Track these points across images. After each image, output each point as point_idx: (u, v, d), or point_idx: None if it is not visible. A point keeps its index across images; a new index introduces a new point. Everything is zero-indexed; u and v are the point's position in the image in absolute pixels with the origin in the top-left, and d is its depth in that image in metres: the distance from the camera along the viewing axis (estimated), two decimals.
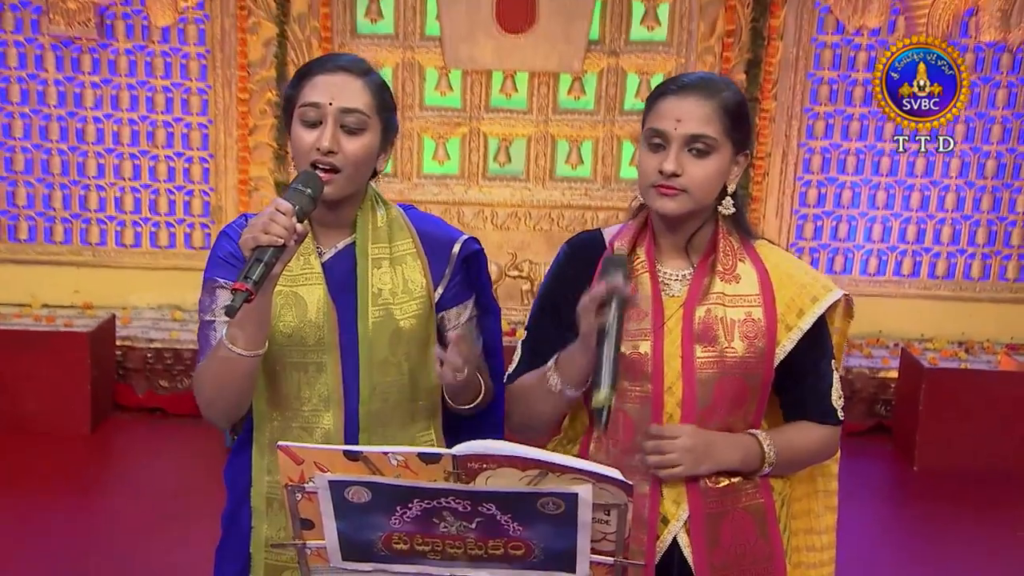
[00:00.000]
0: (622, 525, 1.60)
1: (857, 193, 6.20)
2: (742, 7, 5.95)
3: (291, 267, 1.91)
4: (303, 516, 1.63)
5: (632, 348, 1.93)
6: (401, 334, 2.02)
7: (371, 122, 1.97)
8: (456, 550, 1.65)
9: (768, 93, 6.03)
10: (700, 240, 1.99)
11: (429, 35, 6.07)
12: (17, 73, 6.13)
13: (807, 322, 1.94)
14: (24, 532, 4.41)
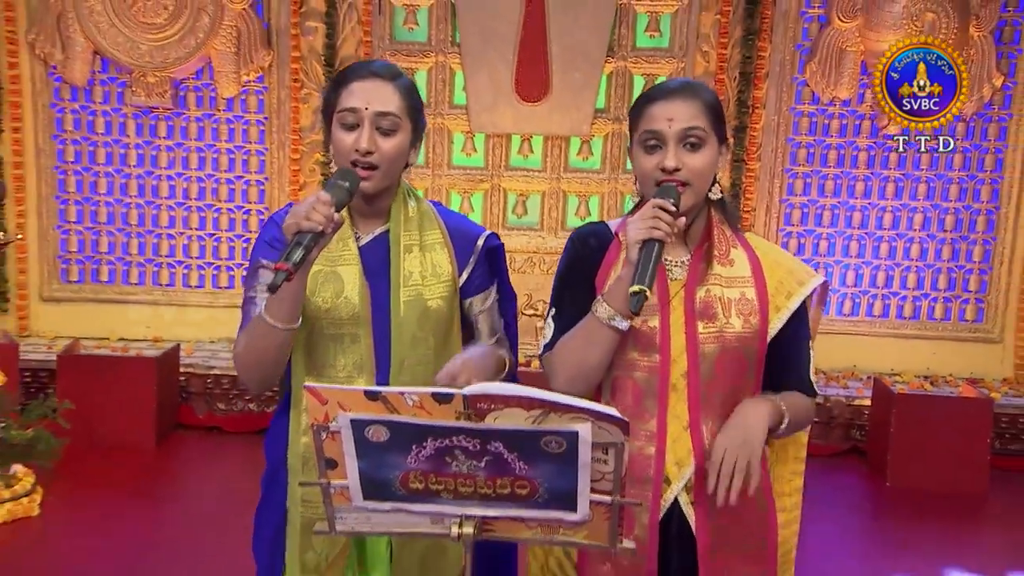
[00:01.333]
0: (619, 465, 1.53)
1: (832, 243, 6.15)
2: (730, 80, 5.94)
3: (331, 249, 1.94)
4: (327, 456, 1.58)
5: (642, 322, 1.90)
6: (429, 313, 2.02)
7: (403, 123, 1.95)
8: (467, 489, 1.59)
9: (753, 155, 6.00)
10: (695, 230, 1.95)
11: (457, 104, 6.08)
12: (103, 138, 6.20)
13: (795, 302, 1.92)
14: (97, 531, 4.46)
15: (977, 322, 6.10)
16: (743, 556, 1.93)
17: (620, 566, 1.89)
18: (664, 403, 1.89)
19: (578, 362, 1.88)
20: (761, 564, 1.95)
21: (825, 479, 5.39)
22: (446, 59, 6.01)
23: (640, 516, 1.88)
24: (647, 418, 1.90)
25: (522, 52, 5.86)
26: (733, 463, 1.76)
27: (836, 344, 6.07)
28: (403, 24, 6.01)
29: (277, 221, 1.96)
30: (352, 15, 5.92)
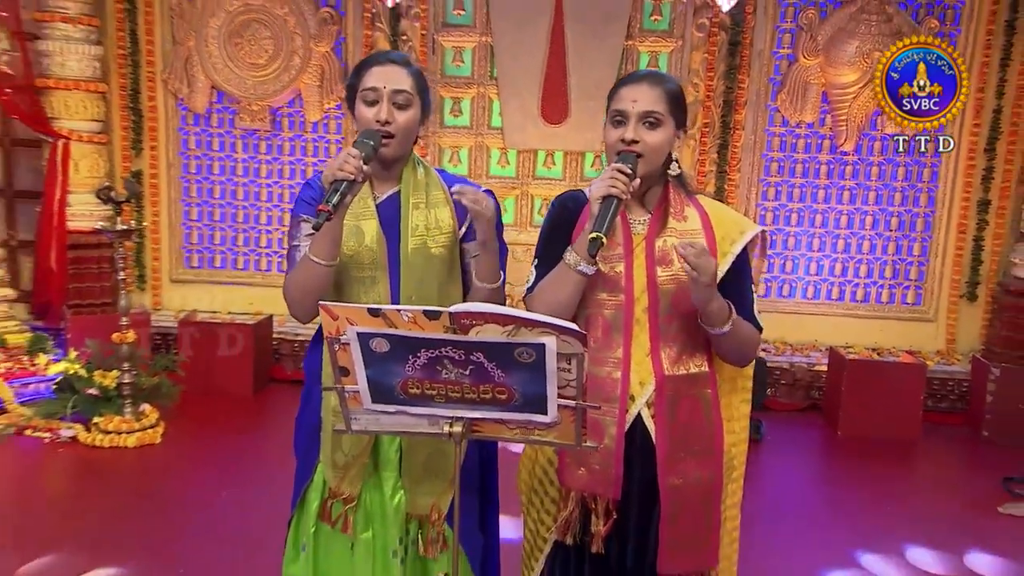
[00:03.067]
0: (580, 373, 1.53)
1: (799, 240, 6.04)
2: (715, 107, 5.87)
3: (354, 207, 1.91)
4: (341, 364, 1.58)
5: (609, 268, 1.88)
6: (432, 259, 2.00)
7: (414, 99, 1.95)
8: (456, 394, 1.59)
9: (734, 168, 5.93)
10: (652, 196, 1.94)
11: (494, 126, 6.06)
12: (218, 155, 6.27)
13: (738, 247, 1.90)
14: (204, 456, 4.58)
15: (916, 305, 5.96)
16: (695, 460, 1.89)
17: (592, 469, 1.88)
18: (629, 334, 1.87)
19: (552, 301, 1.86)
20: (709, 467, 1.91)
21: (789, 429, 5.36)
22: (486, 90, 6.00)
23: (608, 428, 1.87)
24: (614, 347, 1.88)
25: (547, 84, 5.85)
26: (695, 252, 1.70)
27: (801, 322, 6.02)
28: (452, 62, 6.01)
29: (312, 184, 1.98)
30: (411, 55, 5.94)
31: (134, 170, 6.16)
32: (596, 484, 1.88)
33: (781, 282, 6.07)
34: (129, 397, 4.58)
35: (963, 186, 5.76)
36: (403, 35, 5.90)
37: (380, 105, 1.89)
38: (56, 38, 5.73)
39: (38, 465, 4.33)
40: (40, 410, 4.65)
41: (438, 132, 6.06)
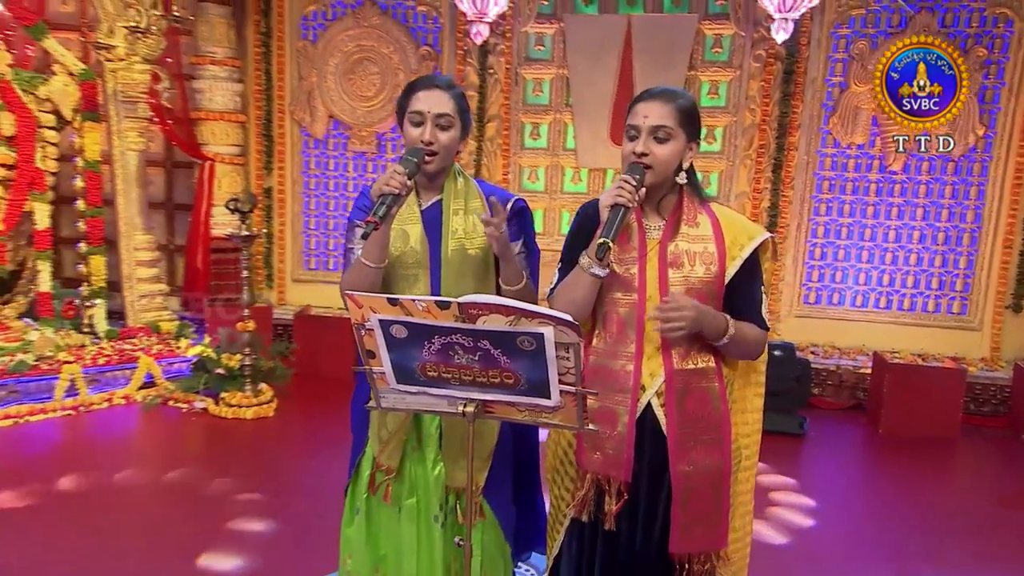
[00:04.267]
0: (578, 361, 1.46)
1: (848, 252, 5.68)
2: (771, 130, 5.61)
3: (402, 213, 1.89)
4: (367, 348, 1.55)
5: (624, 270, 1.80)
6: (468, 259, 1.96)
7: (455, 121, 1.90)
8: (468, 378, 1.54)
9: (788, 185, 5.64)
10: (667, 203, 1.84)
11: (568, 147, 5.96)
12: (333, 174, 6.39)
13: (747, 251, 1.79)
14: (311, 430, 4.63)
15: (962, 315, 5.51)
16: (703, 448, 1.79)
17: (606, 453, 1.81)
18: (641, 330, 1.78)
19: (569, 301, 1.80)
20: (717, 455, 1.81)
21: (833, 426, 5.06)
22: (561, 116, 5.92)
23: (621, 416, 1.80)
24: (627, 343, 1.79)
25: (615, 110, 5.71)
26: (677, 307, 1.66)
27: (849, 328, 5.67)
28: (532, 92, 5.96)
29: (365, 194, 1.96)
30: (496, 86, 5.92)
31: (265, 187, 6.38)
32: (609, 467, 1.81)
33: (831, 291, 5.74)
34: (249, 377, 4.70)
35: (1009, 203, 5.29)
36: (490, 69, 5.90)
37: (424, 127, 1.86)
38: (207, 77, 5.99)
39: (176, 430, 4.51)
40: (180, 385, 4.83)
41: (519, 153, 6.01)
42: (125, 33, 5.22)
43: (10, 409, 4.38)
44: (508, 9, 5.51)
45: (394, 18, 6.01)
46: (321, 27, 6.13)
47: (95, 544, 3.04)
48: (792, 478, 3.99)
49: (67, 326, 5.17)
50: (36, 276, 5.15)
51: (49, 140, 5.14)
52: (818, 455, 4.60)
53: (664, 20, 5.62)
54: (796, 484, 3.93)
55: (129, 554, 2.98)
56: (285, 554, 3.05)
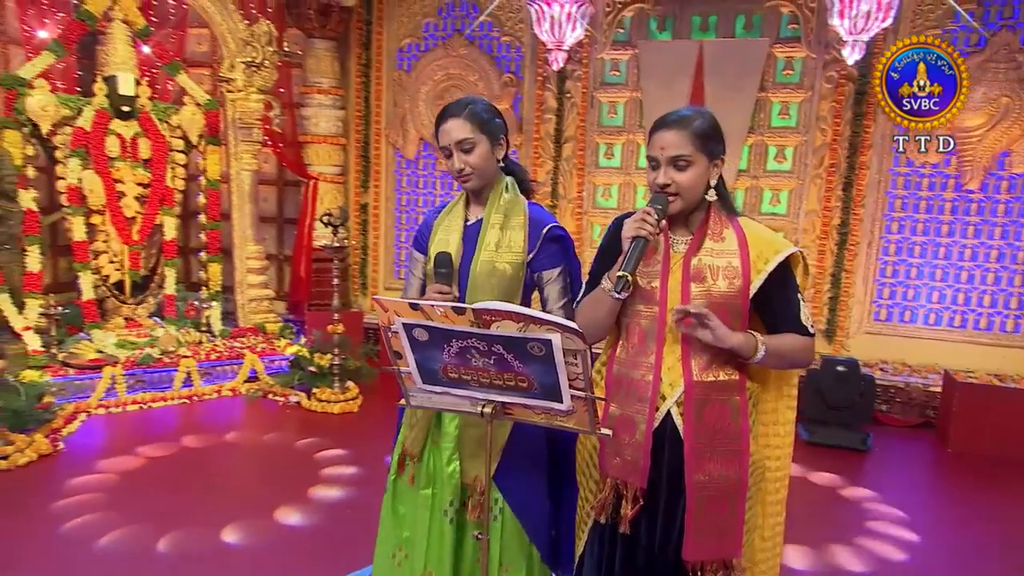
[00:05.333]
0: (586, 367, 1.47)
1: (921, 271, 5.37)
2: (842, 149, 5.38)
3: (450, 223, 1.99)
4: (394, 349, 1.59)
5: (647, 283, 1.78)
6: (496, 272, 1.93)
7: (477, 139, 1.89)
8: (486, 380, 1.56)
9: (859, 204, 5.39)
10: (694, 219, 1.80)
11: (640, 166, 5.89)
12: (423, 191, 6.54)
13: (771, 265, 1.72)
14: (388, 429, 4.60)
15: None
16: (720, 459, 1.74)
17: (625, 459, 1.79)
18: (661, 342, 1.76)
19: (589, 317, 1.80)
20: (734, 467, 1.74)
21: (900, 443, 4.78)
22: (634, 136, 5.89)
23: (640, 424, 1.77)
24: (648, 353, 1.77)
25: None
26: (704, 315, 1.63)
27: (921, 346, 5.36)
28: (607, 114, 5.94)
29: (428, 222, 2.04)
30: (573, 109, 5.95)
31: (362, 203, 6.63)
32: (627, 472, 1.79)
33: (903, 308, 5.43)
34: (337, 375, 4.89)
35: None
36: (567, 93, 5.94)
37: (453, 156, 1.89)
38: (313, 105, 6.30)
39: (273, 420, 4.74)
40: (278, 380, 5.09)
41: (593, 172, 6.01)
42: (243, 67, 5.57)
43: (137, 396, 4.74)
44: (585, 38, 5.54)
45: (480, 48, 6.14)
46: (414, 57, 6.34)
47: (208, 487, 3.72)
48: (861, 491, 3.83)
49: (188, 325, 5.54)
50: (164, 280, 5.55)
51: (178, 162, 5.54)
52: (884, 470, 4.35)
53: (735, 44, 5.50)
54: (870, 497, 3.79)
55: (230, 498, 3.59)
56: (348, 520, 3.28)
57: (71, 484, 3.57)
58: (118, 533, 3.13)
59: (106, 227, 5.19)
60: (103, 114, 5.10)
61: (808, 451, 4.47)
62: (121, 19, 5.19)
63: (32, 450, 3.80)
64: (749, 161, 5.63)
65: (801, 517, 3.56)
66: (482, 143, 1.90)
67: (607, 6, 5.69)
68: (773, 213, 5.64)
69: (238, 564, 2.93)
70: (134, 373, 4.81)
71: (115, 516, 3.27)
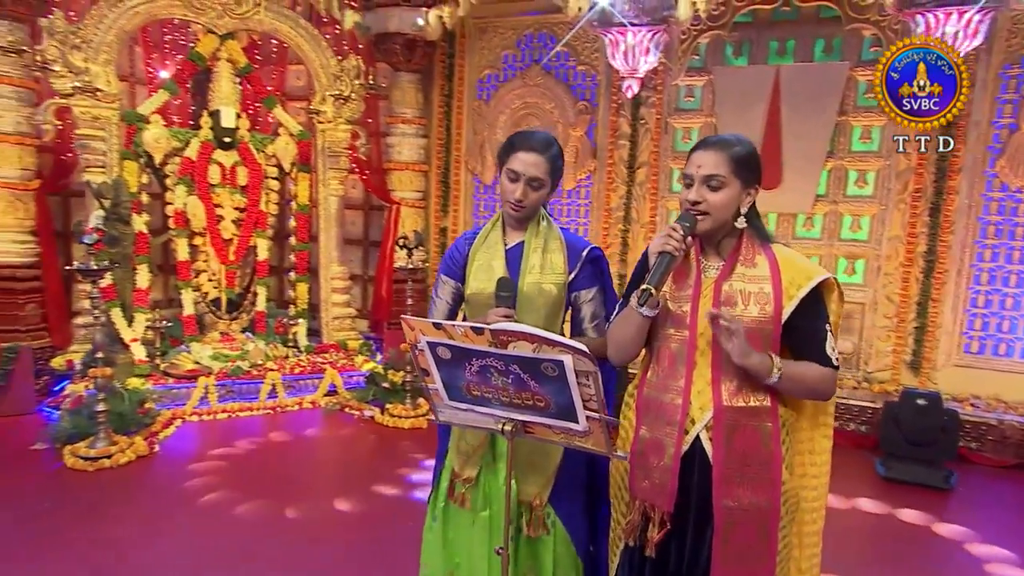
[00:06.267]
0: (598, 389, 1.47)
1: (1018, 300, 4.98)
2: (928, 173, 5.11)
3: (487, 250, 2.02)
4: (422, 367, 1.63)
5: (677, 307, 1.77)
6: (544, 293, 1.98)
7: (546, 182, 1.96)
8: (506, 399, 1.58)
9: (947, 230, 5.08)
10: (726, 245, 1.78)
11: None
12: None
13: (803, 291, 1.70)
14: None
15: None
16: (750, 486, 1.71)
17: (653, 482, 1.78)
18: (690, 366, 1.74)
19: (619, 336, 1.81)
20: (765, 495, 1.71)
21: (990, 483, 4.44)
22: None
23: (668, 448, 1.76)
24: (678, 377, 1.76)
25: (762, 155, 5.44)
26: (732, 328, 1.61)
27: (1019, 382, 4.94)
28: (681, 139, 5.89)
29: (457, 245, 2.10)
30: (647, 135, 5.92)
31: (441, 226, 6.81)
32: (655, 495, 1.78)
33: (997, 341, 5.06)
34: (409, 392, 5.02)
35: None
36: (641, 119, 5.92)
37: (518, 185, 1.92)
38: (397, 134, 6.56)
39: (350, 432, 4.93)
40: (355, 395, 5.27)
41: (666, 196, 5.95)
42: (332, 100, 5.88)
43: (226, 405, 5.04)
44: (659, 65, 5.53)
45: (556, 77, 6.23)
46: (493, 87, 6.50)
47: (289, 462, 4.30)
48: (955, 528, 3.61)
49: (276, 340, 5.84)
50: (256, 298, 5.88)
51: (272, 188, 5.89)
52: (976, 510, 4.03)
53: (813, 69, 5.35)
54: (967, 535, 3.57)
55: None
56: None
57: (190, 469, 4.06)
58: (247, 505, 3.62)
59: (206, 248, 5.57)
60: (207, 145, 5.50)
61: (885, 487, 4.22)
62: (226, 59, 5.60)
63: (132, 451, 4.10)
64: (828, 186, 5.43)
65: (894, 555, 3.40)
66: (547, 187, 1.97)
67: (682, 33, 5.64)
68: (854, 239, 5.40)
69: (346, 525, 3.48)
70: (225, 384, 5.11)
71: (238, 493, 3.77)
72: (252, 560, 3.09)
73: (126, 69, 6.07)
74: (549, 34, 6.23)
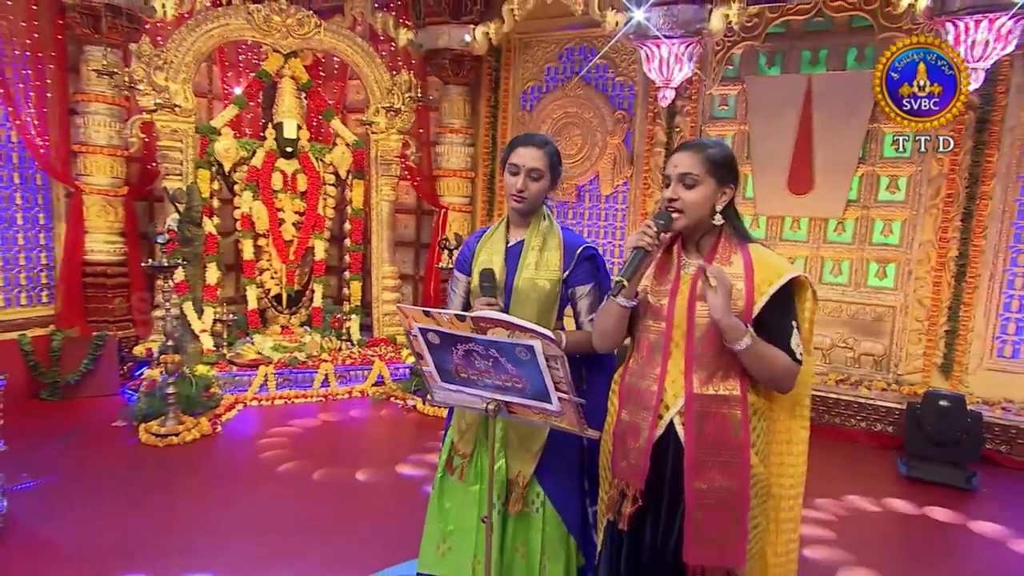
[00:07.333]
0: (566, 372, 1.56)
1: None
2: (960, 179, 4.97)
3: (493, 246, 2.10)
4: (416, 351, 1.75)
5: (656, 301, 1.83)
6: (537, 288, 2.03)
7: (546, 173, 2.02)
8: (489, 380, 1.67)
9: (979, 235, 4.92)
10: (705, 243, 1.84)
11: (747, 197, 5.76)
12: None
13: (774, 288, 1.73)
14: None
15: None
16: (720, 470, 1.75)
17: (630, 463, 1.84)
18: (666, 355, 1.80)
19: (600, 326, 1.89)
20: (734, 478, 1.74)
21: (1015, 487, 4.26)
22: (742, 168, 5.55)
23: (644, 431, 1.82)
24: (654, 365, 1.82)
25: (794, 163, 5.45)
26: (716, 276, 1.66)
27: None
28: None
29: (468, 243, 2.19)
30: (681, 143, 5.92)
31: None
32: (631, 474, 1.85)
33: None
34: None
35: None
36: (676, 127, 5.93)
37: (519, 176, 2.00)
38: (446, 143, 6.75)
39: (394, 419, 5.13)
40: (400, 386, 5.47)
41: None
42: (384, 112, 6.11)
43: (283, 392, 5.30)
44: (693, 75, 5.54)
45: (595, 88, 6.30)
46: (536, 98, 6.62)
47: (336, 443, 4.57)
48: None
49: (331, 334, 6.10)
50: (313, 295, 6.15)
51: (329, 194, 6.15)
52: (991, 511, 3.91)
53: (845, 77, 5.26)
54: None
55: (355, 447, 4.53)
56: None
57: (260, 443, 4.40)
58: (323, 471, 3.99)
59: (269, 248, 5.87)
60: (271, 154, 5.80)
61: (908, 487, 4.13)
62: (289, 75, 5.89)
63: (197, 430, 4.39)
64: (859, 191, 5.33)
65: (927, 552, 3.38)
66: (546, 178, 2.04)
67: (716, 45, 5.64)
68: (885, 243, 5.29)
69: (407, 488, 3.83)
70: (283, 372, 5.38)
71: (311, 461, 4.14)
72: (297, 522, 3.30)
73: (205, 87, 6.46)
74: (589, 47, 6.31)
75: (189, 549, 3.03)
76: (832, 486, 4.06)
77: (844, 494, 3.96)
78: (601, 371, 2.09)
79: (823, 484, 4.08)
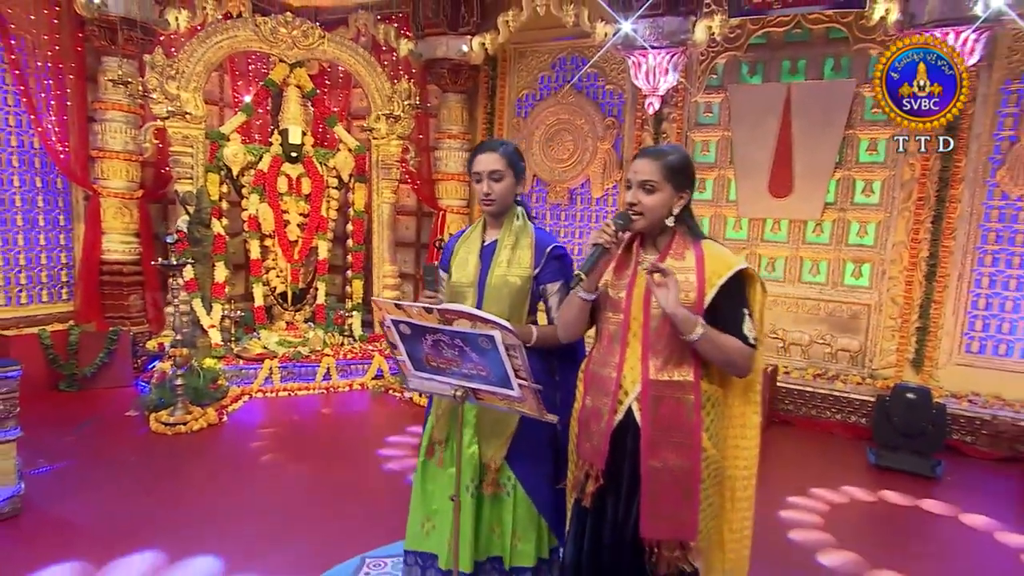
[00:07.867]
0: (524, 360, 1.64)
1: (1018, 303, 4.90)
2: (931, 183, 5.08)
3: (470, 244, 2.17)
4: (391, 342, 1.85)
5: (615, 294, 1.92)
6: (509, 285, 2.10)
7: (506, 172, 2.10)
8: (456, 369, 1.78)
9: (949, 236, 5.04)
10: (662, 240, 1.92)
11: (730, 199, 5.89)
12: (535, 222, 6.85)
13: (723, 279, 1.81)
14: None
15: None
16: (674, 450, 1.84)
17: (592, 444, 1.93)
18: (624, 344, 1.89)
19: (563, 316, 2.00)
20: (687, 458, 1.83)
21: (980, 473, 4.40)
22: (725, 172, 5.88)
23: (604, 415, 1.91)
24: (614, 354, 1.91)
25: (775, 167, 5.57)
26: (668, 279, 1.76)
27: (1014, 382, 4.86)
28: (700, 152, 5.98)
29: (448, 243, 2.28)
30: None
31: None
32: (593, 456, 1.93)
33: (997, 341, 4.99)
34: None
35: None
36: (663, 133, 6.05)
37: (483, 182, 2.08)
38: (444, 148, 6.88)
39: (392, 410, 5.27)
40: (398, 379, 5.59)
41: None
42: (385, 119, 6.25)
43: (287, 384, 5.46)
44: (679, 84, 5.66)
45: (586, 95, 6.42)
46: (530, 105, 6.74)
47: (335, 433, 4.71)
48: None
49: (334, 329, 6.24)
50: (317, 293, 6.30)
51: (332, 196, 6.30)
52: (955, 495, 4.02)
53: (822, 86, 5.38)
54: None
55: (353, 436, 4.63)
56: None
57: (264, 432, 4.53)
58: (323, 459, 4.09)
59: (275, 248, 6.03)
60: (277, 159, 5.95)
61: (876, 474, 4.26)
62: (295, 84, 6.04)
63: (204, 420, 4.55)
64: (836, 194, 5.45)
65: (890, 531, 3.52)
66: (508, 177, 2.11)
67: (701, 55, 5.76)
68: (860, 244, 5.40)
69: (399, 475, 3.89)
70: (287, 366, 5.53)
71: (312, 450, 4.30)
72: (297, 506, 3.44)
73: (216, 95, 6.62)
74: (580, 57, 6.44)
75: (196, 530, 3.17)
76: (805, 474, 4.19)
77: (816, 482, 4.09)
78: (573, 363, 2.16)
79: (797, 473, 4.20)
